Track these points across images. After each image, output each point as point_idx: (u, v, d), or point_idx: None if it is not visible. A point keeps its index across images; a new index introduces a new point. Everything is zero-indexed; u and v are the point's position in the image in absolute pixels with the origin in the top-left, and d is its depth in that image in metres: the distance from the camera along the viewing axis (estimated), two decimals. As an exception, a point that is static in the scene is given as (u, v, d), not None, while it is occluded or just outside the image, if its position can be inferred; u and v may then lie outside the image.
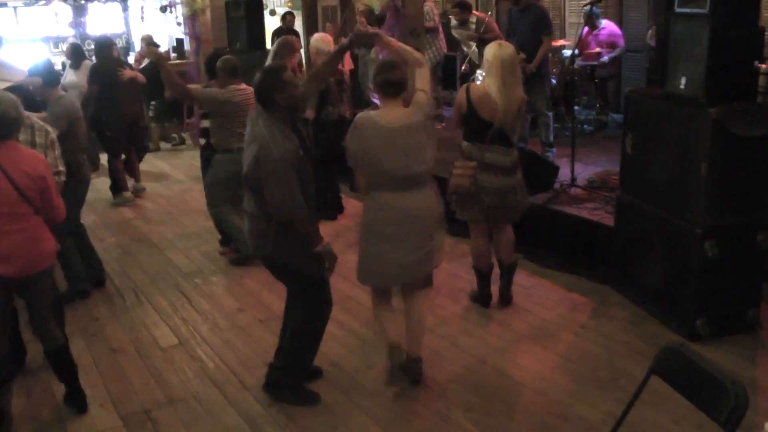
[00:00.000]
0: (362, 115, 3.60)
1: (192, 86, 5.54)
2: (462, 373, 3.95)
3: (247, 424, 3.56)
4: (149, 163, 9.09)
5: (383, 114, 3.54)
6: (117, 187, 7.78)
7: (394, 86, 3.52)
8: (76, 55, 8.13)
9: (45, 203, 3.46)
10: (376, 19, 9.06)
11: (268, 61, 6.28)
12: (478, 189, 4.34)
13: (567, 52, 8.08)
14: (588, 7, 7.55)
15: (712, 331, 4.09)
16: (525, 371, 3.93)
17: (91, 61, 8.78)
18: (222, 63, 5.44)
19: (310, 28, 8.23)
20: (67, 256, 4.81)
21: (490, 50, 4.26)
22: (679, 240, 4.17)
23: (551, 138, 6.88)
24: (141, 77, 7.89)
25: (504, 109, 4.21)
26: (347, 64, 7.41)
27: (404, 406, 3.64)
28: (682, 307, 4.17)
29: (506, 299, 4.73)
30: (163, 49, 11.13)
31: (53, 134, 4.17)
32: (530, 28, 6.36)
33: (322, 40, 6.55)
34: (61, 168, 4.17)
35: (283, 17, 11.36)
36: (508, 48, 4.30)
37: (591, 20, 7.98)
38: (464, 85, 4.42)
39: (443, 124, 8.82)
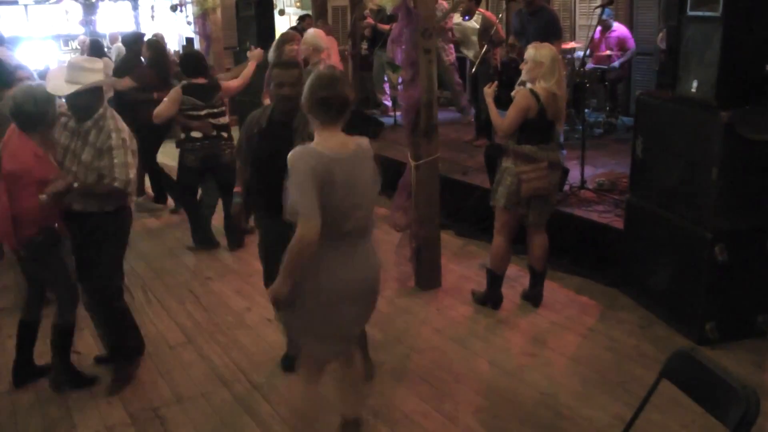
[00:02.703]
0: (297, 149, 2.73)
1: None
2: (470, 375, 3.95)
3: (255, 422, 3.57)
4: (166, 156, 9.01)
5: (321, 142, 2.77)
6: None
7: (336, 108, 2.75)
8: (95, 51, 7.99)
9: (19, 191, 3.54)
10: (388, 19, 9.05)
11: (270, 54, 6.33)
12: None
13: (579, 53, 8.05)
14: (600, 9, 7.52)
15: (721, 336, 4.07)
16: (533, 373, 3.93)
17: (110, 58, 8.72)
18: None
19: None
20: None
21: (542, 52, 4.30)
22: (689, 244, 4.15)
23: (561, 140, 6.86)
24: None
25: (564, 107, 4.36)
26: (339, 64, 7.23)
27: (412, 406, 3.64)
28: (691, 311, 4.16)
29: (537, 301, 4.75)
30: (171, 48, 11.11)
31: (118, 139, 3.64)
32: (540, 31, 6.35)
33: (317, 36, 5.97)
34: (117, 176, 3.60)
35: (302, 18, 11.30)
36: (552, 47, 4.43)
37: (604, 22, 7.96)
38: (525, 90, 4.32)
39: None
